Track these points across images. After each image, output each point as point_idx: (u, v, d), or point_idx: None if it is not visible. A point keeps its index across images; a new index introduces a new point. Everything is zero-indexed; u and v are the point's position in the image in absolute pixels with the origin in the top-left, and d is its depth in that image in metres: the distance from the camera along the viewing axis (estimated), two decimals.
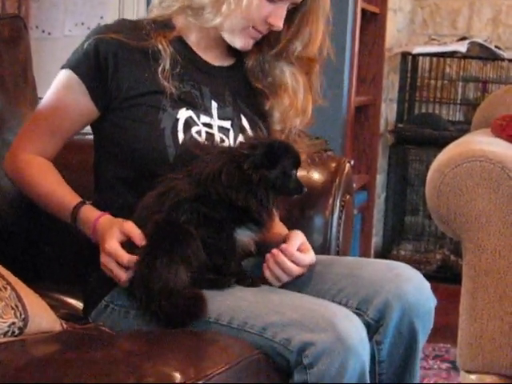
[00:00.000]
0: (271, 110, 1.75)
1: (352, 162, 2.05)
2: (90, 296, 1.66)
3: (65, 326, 1.53)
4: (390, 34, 3.93)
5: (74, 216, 1.58)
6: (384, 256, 4.04)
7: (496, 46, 4.07)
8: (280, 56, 1.74)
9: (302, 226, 1.73)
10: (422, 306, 1.56)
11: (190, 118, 1.63)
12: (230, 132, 1.68)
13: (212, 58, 1.74)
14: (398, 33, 4.24)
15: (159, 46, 1.64)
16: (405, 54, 4.12)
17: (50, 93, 1.68)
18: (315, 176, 1.92)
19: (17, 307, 1.39)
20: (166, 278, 1.44)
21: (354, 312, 1.51)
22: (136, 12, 3.08)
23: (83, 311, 1.70)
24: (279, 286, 1.58)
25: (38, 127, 1.68)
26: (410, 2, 4.36)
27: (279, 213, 1.66)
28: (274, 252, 1.57)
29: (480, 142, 2.48)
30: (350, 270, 1.61)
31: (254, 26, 1.66)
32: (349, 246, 2.00)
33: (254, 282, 1.56)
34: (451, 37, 4.26)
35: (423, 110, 4.25)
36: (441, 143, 2.87)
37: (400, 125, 4.14)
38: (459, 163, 2.27)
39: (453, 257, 4.02)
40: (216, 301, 1.47)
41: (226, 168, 1.48)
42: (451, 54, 4.09)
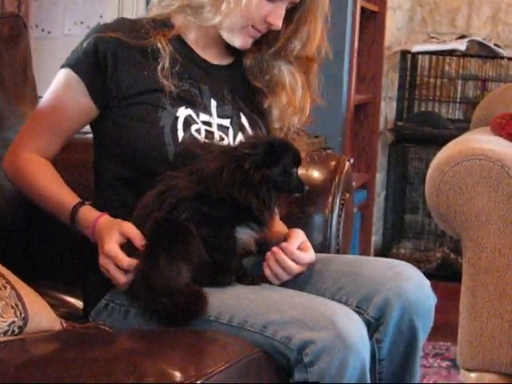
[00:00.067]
0: (270, 108, 1.75)
1: (351, 161, 2.05)
2: (89, 295, 1.66)
3: (65, 324, 1.52)
4: (389, 32, 3.93)
5: (73, 217, 1.58)
6: (384, 254, 4.04)
7: (495, 44, 4.07)
8: (278, 55, 1.74)
9: (301, 224, 1.73)
10: (422, 304, 1.56)
11: (189, 116, 1.63)
12: (230, 130, 1.68)
13: (211, 56, 1.74)
14: (397, 31, 4.24)
15: (158, 45, 1.64)
16: (404, 53, 4.12)
17: (50, 92, 1.68)
18: (315, 174, 1.92)
19: (17, 306, 1.39)
20: (168, 276, 1.43)
21: (354, 310, 1.51)
22: (135, 11, 3.09)
23: (83, 310, 1.70)
24: (279, 285, 1.58)
25: (39, 126, 1.68)
26: (410, 0, 4.36)
27: (279, 211, 1.65)
28: (275, 250, 1.57)
29: (479, 140, 2.48)
30: (350, 269, 1.61)
31: (253, 25, 1.66)
32: (348, 245, 2.00)
33: (255, 281, 1.56)
34: (450, 35, 4.26)
35: (423, 109, 4.25)
36: (440, 141, 2.88)
37: (399, 123, 4.14)
38: (459, 161, 2.27)
39: (453, 255, 4.02)
40: (216, 299, 1.47)
41: (226, 168, 1.48)
42: (450, 53, 4.09)
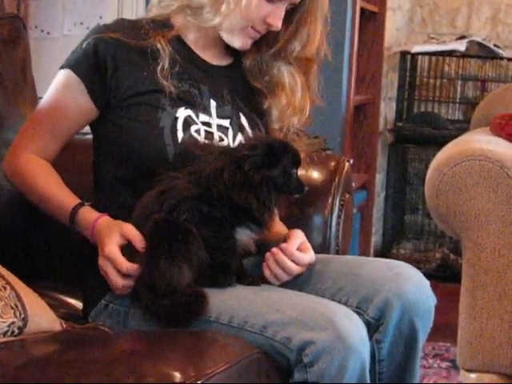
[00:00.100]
0: (269, 108, 1.75)
1: (351, 161, 2.05)
2: (89, 295, 1.66)
3: (64, 325, 1.52)
4: (388, 32, 3.93)
5: (73, 217, 1.58)
6: (383, 255, 4.04)
7: (495, 45, 4.07)
8: (278, 56, 1.74)
9: (301, 225, 1.73)
10: (421, 304, 1.56)
11: (189, 117, 1.63)
12: (229, 130, 1.68)
13: (210, 57, 1.74)
14: (396, 32, 4.24)
15: (158, 46, 1.64)
16: (404, 53, 4.12)
17: (50, 93, 1.68)
18: (314, 175, 1.92)
19: (16, 307, 1.39)
20: (170, 277, 1.43)
21: (354, 311, 1.51)
22: (135, 11, 3.09)
23: (83, 311, 1.70)
24: (279, 285, 1.58)
25: (38, 126, 1.67)
26: (409, 0, 4.36)
27: (279, 212, 1.65)
28: (274, 251, 1.56)
29: (479, 140, 2.48)
30: (349, 269, 1.61)
31: (253, 26, 1.66)
32: (348, 245, 2.00)
33: (254, 281, 1.56)
34: (450, 36, 4.26)
35: (422, 109, 4.25)
36: (440, 142, 2.88)
37: (399, 124, 4.14)
38: (458, 162, 2.27)
39: (452, 255, 4.02)
40: (216, 300, 1.47)
41: (226, 169, 1.48)
42: (450, 53, 4.09)
